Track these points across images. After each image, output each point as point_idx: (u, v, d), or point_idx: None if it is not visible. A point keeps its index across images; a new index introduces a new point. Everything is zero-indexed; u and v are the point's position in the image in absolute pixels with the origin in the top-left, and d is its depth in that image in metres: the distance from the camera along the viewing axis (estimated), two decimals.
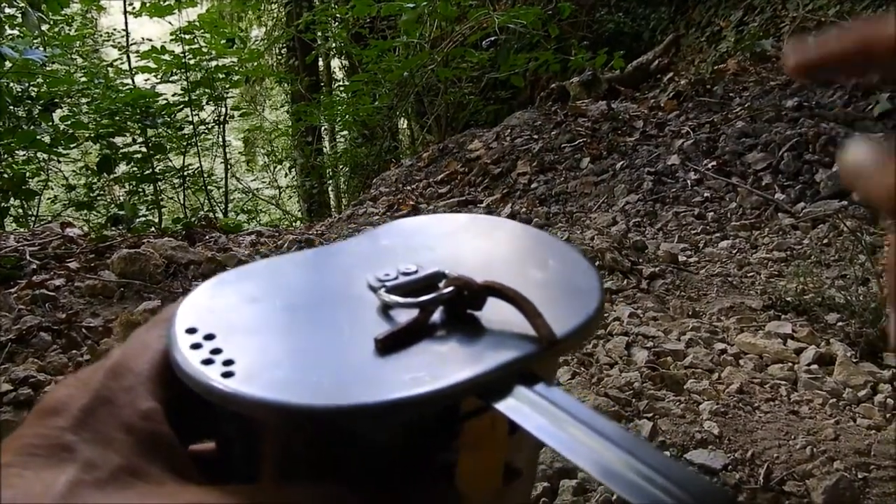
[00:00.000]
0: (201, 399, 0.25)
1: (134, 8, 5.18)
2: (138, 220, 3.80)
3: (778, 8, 4.79)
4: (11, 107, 3.96)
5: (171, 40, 4.79)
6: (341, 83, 8.10)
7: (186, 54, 4.69)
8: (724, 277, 2.21)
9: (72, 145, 4.29)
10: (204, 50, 4.74)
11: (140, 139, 4.52)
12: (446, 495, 0.27)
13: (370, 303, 0.29)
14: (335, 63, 8.81)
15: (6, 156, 3.87)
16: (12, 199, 3.99)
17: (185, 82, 4.79)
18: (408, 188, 4.09)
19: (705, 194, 2.97)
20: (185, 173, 5.17)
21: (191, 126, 5.00)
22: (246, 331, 0.27)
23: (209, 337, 0.27)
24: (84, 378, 0.27)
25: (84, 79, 4.82)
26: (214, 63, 4.88)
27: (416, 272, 0.30)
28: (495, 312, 0.28)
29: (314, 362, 0.25)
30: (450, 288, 0.28)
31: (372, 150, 6.40)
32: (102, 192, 5.42)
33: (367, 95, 5.81)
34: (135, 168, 4.62)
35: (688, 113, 3.87)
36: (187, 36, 4.70)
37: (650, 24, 6.00)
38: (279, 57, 9.11)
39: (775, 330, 1.76)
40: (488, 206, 3.46)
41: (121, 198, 5.18)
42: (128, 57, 5.14)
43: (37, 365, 1.64)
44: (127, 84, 4.95)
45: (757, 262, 2.32)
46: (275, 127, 9.10)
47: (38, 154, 4.51)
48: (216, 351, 0.26)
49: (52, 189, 5.81)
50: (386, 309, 0.28)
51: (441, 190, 3.94)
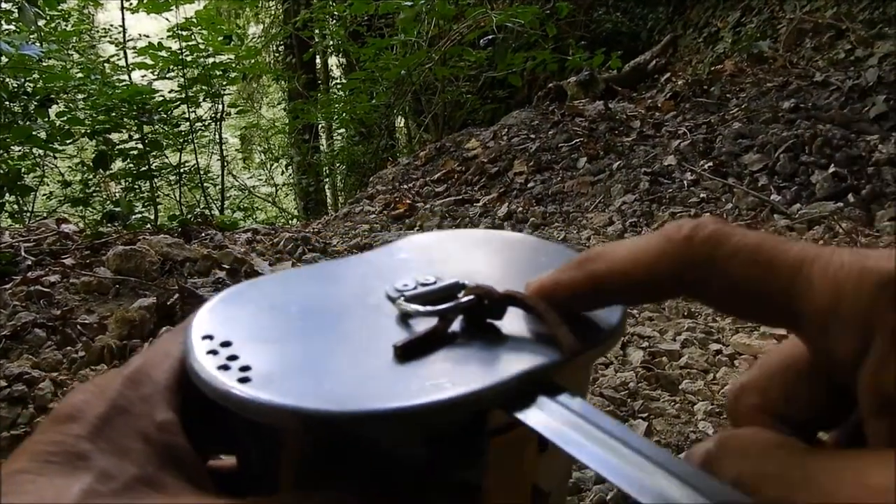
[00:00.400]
0: (219, 407, 0.25)
1: (131, 4, 5.16)
2: (134, 217, 3.79)
3: (775, 9, 4.80)
4: (7, 102, 3.95)
5: (168, 37, 4.77)
6: (338, 81, 8.09)
7: (183, 51, 4.67)
8: None
9: (68, 141, 4.28)
10: (201, 47, 4.73)
11: (136, 136, 4.50)
12: None
13: (388, 312, 0.28)
14: (332, 61, 8.80)
15: (1, 151, 3.85)
16: (7, 195, 3.97)
17: (182, 79, 4.77)
18: (405, 187, 4.08)
19: (702, 195, 2.98)
20: (182, 170, 5.16)
21: (187, 123, 4.99)
22: (263, 338, 0.27)
23: (225, 344, 0.26)
24: (102, 385, 0.26)
25: (80, 75, 4.80)
26: (211, 60, 4.86)
27: (435, 283, 0.30)
28: (516, 322, 0.27)
29: (332, 369, 0.25)
30: (470, 296, 0.27)
31: (369, 149, 6.40)
32: (98, 189, 5.40)
33: (365, 93, 5.81)
34: (131, 164, 4.61)
35: (685, 113, 3.87)
36: (184, 32, 4.68)
37: (648, 25, 6.01)
38: (276, 54, 9.10)
39: (770, 331, 1.77)
40: (485, 206, 3.46)
41: (117, 194, 5.16)
42: (124, 53, 5.12)
43: (31, 361, 1.63)
44: (123, 80, 4.93)
45: None
46: (272, 124, 9.09)
47: (34, 150, 4.50)
48: (232, 357, 0.26)
49: (48, 185, 5.79)
50: (405, 318, 0.28)
51: (438, 189, 3.94)
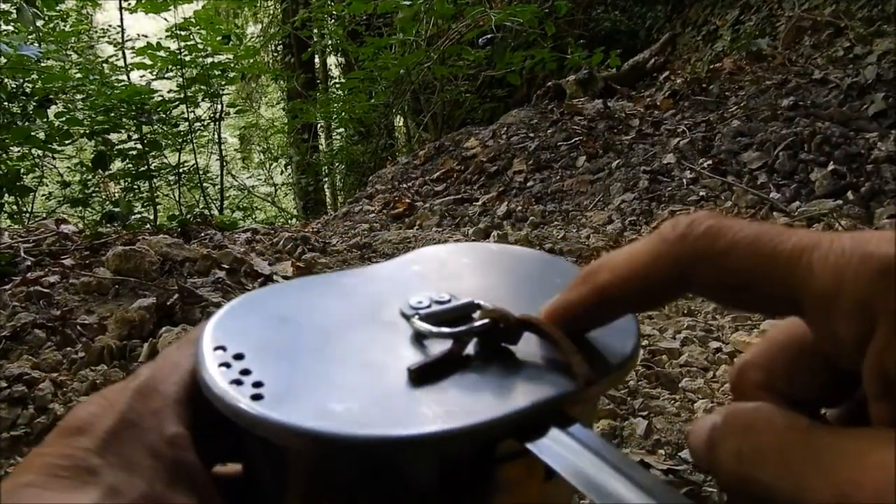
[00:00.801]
0: (230, 421, 0.24)
1: (129, 4, 5.16)
2: (133, 217, 3.79)
3: (774, 7, 4.80)
4: (6, 103, 3.94)
5: (167, 37, 4.77)
6: (337, 80, 8.09)
7: (182, 51, 4.67)
8: None
9: (66, 142, 4.27)
10: (200, 46, 4.72)
11: (135, 136, 4.50)
12: None
13: (402, 330, 0.28)
14: (331, 60, 8.80)
15: (1, 152, 3.85)
16: (7, 196, 3.97)
17: (181, 79, 4.77)
18: (404, 186, 4.08)
19: (701, 193, 2.98)
20: (181, 170, 5.16)
21: (186, 123, 4.99)
22: (276, 352, 0.27)
23: (238, 357, 0.26)
24: (111, 398, 0.26)
25: (79, 75, 4.79)
26: (210, 60, 4.86)
27: (450, 301, 0.29)
28: (530, 348, 0.27)
29: (345, 389, 0.25)
30: (485, 320, 0.27)
31: (368, 148, 6.40)
32: (97, 189, 5.40)
33: (364, 93, 5.81)
34: (130, 165, 4.60)
35: (684, 112, 3.87)
36: (183, 32, 4.68)
37: (646, 23, 6.01)
38: (275, 54, 9.10)
39: (770, 328, 1.77)
40: (484, 205, 3.45)
41: (116, 195, 5.16)
42: (123, 53, 5.12)
43: (31, 362, 1.63)
44: (122, 80, 4.93)
45: None
46: (271, 124, 9.09)
47: (33, 150, 4.50)
48: (245, 372, 0.25)
49: (47, 186, 5.79)
50: (419, 337, 0.28)
51: (437, 188, 3.94)
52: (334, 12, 6.18)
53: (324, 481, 0.25)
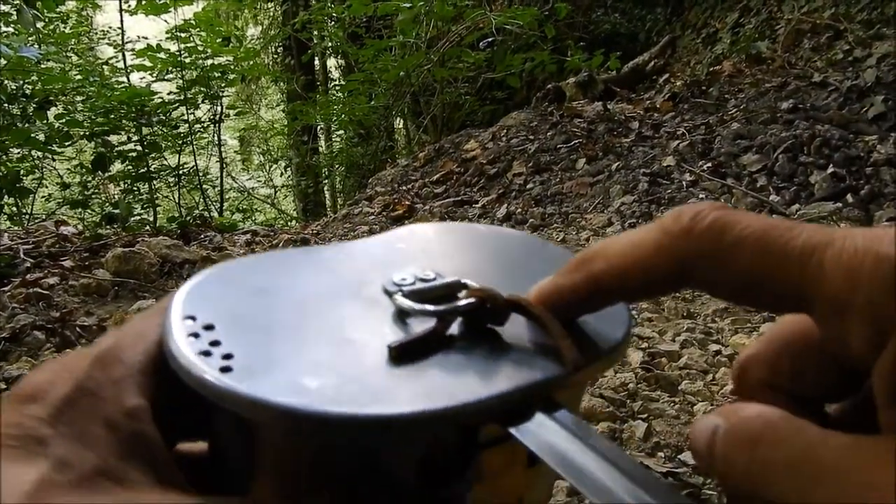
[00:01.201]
0: (197, 396, 0.23)
1: (129, 6, 5.16)
2: (133, 219, 3.79)
3: (773, 10, 4.80)
4: (6, 104, 3.94)
5: (167, 38, 4.77)
6: (337, 82, 8.09)
7: (182, 53, 4.67)
8: None
9: (66, 143, 4.27)
10: (200, 48, 4.73)
11: (135, 137, 4.50)
12: None
13: (384, 306, 0.27)
14: (331, 62, 8.80)
15: (0, 154, 3.85)
16: (6, 197, 3.97)
17: (181, 81, 4.78)
18: (404, 188, 4.08)
19: (700, 196, 2.98)
20: (181, 172, 5.16)
21: (186, 125, 4.99)
22: (249, 324, 0.25)
23: (209, 327, 0.24)
24: (68, 364, 0.24)
25: (79, 77, 4.80)
26: (210, 61, 4.86)
27: (435, 279, 0.28)
28: (517, 330, 0.26)
29: (321, 365, 0.23)
30: (472, 299, 0.26)
31: (368, 150, 6.40)
32: (97, 191, 5.40)
33: (364, 95, 5.81)
34: (130, 166, 4.61)
35: (683, 114, 3.87)
36: (183, 34, 4.68)
37: (646, 26, 6.02)
38: (275, 56, 9.11)
39: (774, 323, 1.77)
40: (484, 207, 3.46)
41: (115, 196, 5.16)
42: (123, 55, 5.12)
43: (30, 364, 1.63)
44: (122, 82, 4.93)
45: None
46: (270, 126, 9.09)
47: (33, 152, 4.50)
48: (215, 343, 0.24)
49: (47, 187, 5.79)
50: (401, 315, 0.26)
51: (437, 190, 3.94)
52: (334, 14, 6.18)
53: (293, 462, 0.24)
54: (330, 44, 6.89)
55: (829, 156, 2.88)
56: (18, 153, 4.44)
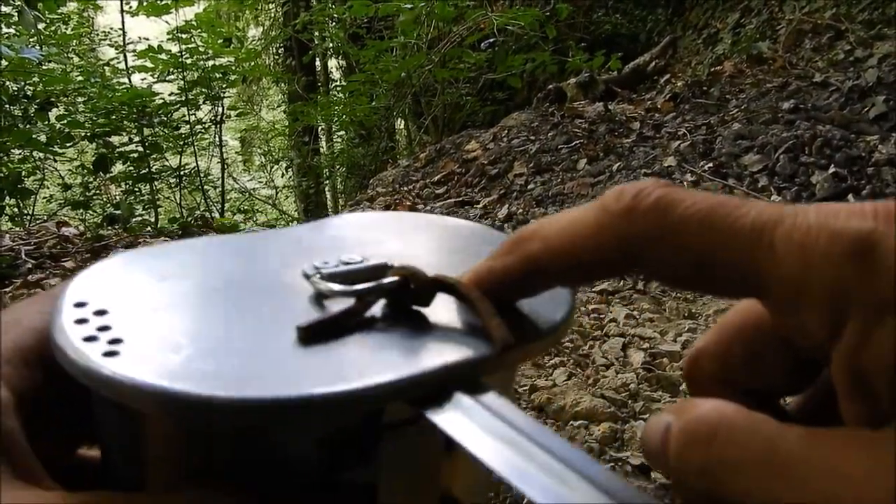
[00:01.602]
0: (83, 387, 0.21)
1: (131, 7, 5.17)
2: (134, 220, 3.80)
3: (775, 10, 4.80)
4: (7, 105, 3.95)
5: (168, 39, 4.79)
6: (338, 83, 8.10)
7: (183, 53, 4.68)
8: None
9: (68, 144, 4.28)
10: (201, 49, 4.74)
11: (136, 138, 4.52)
12: None
13: (302, 291, 0.25)
14: (332, 63, 8.81)
15: (2, 154, 3.86)
16: (8, 198, 3.98)
17: (182, 82, 4.79)
18: (405, 189, 4.09)
19: None
20: (182, 173, 5.17)
21: (187, 125, 5.00)
22: (146, 309, 0.23)
23: (100, 313, 0.23)
24: None
25: (80, 78, 4.81)
26: (211, 62, 4.87)
27: (361, 262, 0.26)
28: (446, 312, 0.24)
29: (222, 349, 0.22)
30: (394, 278, 0.24)
31: (369, 151, 6.40)
32: (98, 192, 5.41)
33: (365, 96, 5.81)
34: (131, 167, 4.62)
35: (684, 115, 3.87)
36: (184, 35, 4.69)
37: (647, 26, 6.02)
38: (276, 57, 9.11)
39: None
40: (485, 207, 3.46)
41: (117, 197, 5.17)
42: (124, 56, 5.13)
43: None
44: (123, 83, 4.94)
45: None
46: (271, 127, 9.09)
47: (34, 153, 4.50)
48: (104, 328, 0.22)
49: (48, 188, 5.80)
50: (319, 298, 0.24)
51: (438, 191, 3.94)
52: (335, 15, 6.19)
53: (184, 455, 0.22)
54: (331, 44, 6.89)
55: (831, 156, 2.88)
56: (20, 154, 4.45)
